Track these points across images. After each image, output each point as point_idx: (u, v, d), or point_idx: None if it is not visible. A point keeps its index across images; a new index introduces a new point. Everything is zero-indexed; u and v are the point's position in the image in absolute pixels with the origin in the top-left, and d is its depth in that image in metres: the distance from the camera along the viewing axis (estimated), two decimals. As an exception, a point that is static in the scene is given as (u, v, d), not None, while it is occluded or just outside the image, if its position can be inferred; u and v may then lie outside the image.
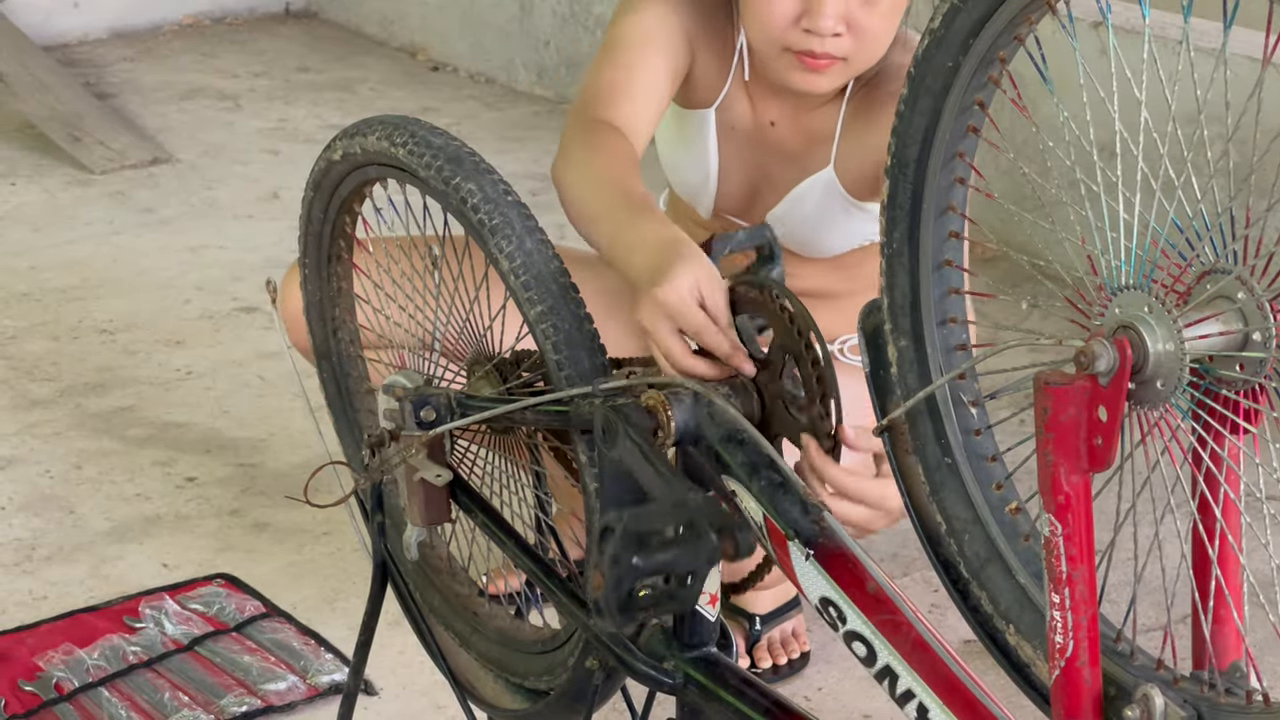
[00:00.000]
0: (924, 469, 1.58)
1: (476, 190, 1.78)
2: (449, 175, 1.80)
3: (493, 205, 1.78)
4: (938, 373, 1.57)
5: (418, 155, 1.83)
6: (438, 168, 1.81)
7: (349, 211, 2.03)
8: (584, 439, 1.74)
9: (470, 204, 1.78)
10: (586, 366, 1.74)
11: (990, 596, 1.54)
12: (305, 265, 2.12)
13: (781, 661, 2.66)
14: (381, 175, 1.92)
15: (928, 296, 1.56)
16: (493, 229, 1.77)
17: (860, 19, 2.27)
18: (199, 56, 5.64)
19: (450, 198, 1.80)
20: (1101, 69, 1.43)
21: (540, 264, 1.76)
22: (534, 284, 1.74)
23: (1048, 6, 1.40)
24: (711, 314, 1.77)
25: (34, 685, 2.57)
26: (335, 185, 1.99)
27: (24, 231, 4.28)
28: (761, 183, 2.52)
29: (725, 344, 1.75)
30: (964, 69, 1.47)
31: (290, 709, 2.56)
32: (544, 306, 1.74)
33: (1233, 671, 1.41)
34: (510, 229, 1.76)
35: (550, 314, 1.74)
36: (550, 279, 1.75)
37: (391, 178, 1.91)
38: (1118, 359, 1.32)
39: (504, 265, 1.76)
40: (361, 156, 1.91)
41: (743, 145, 2.50)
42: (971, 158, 1.52)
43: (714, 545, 1.47)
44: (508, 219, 1.77)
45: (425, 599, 2.05)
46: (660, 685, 1.70)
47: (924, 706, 1.46)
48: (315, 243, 2.08)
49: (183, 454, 3.26)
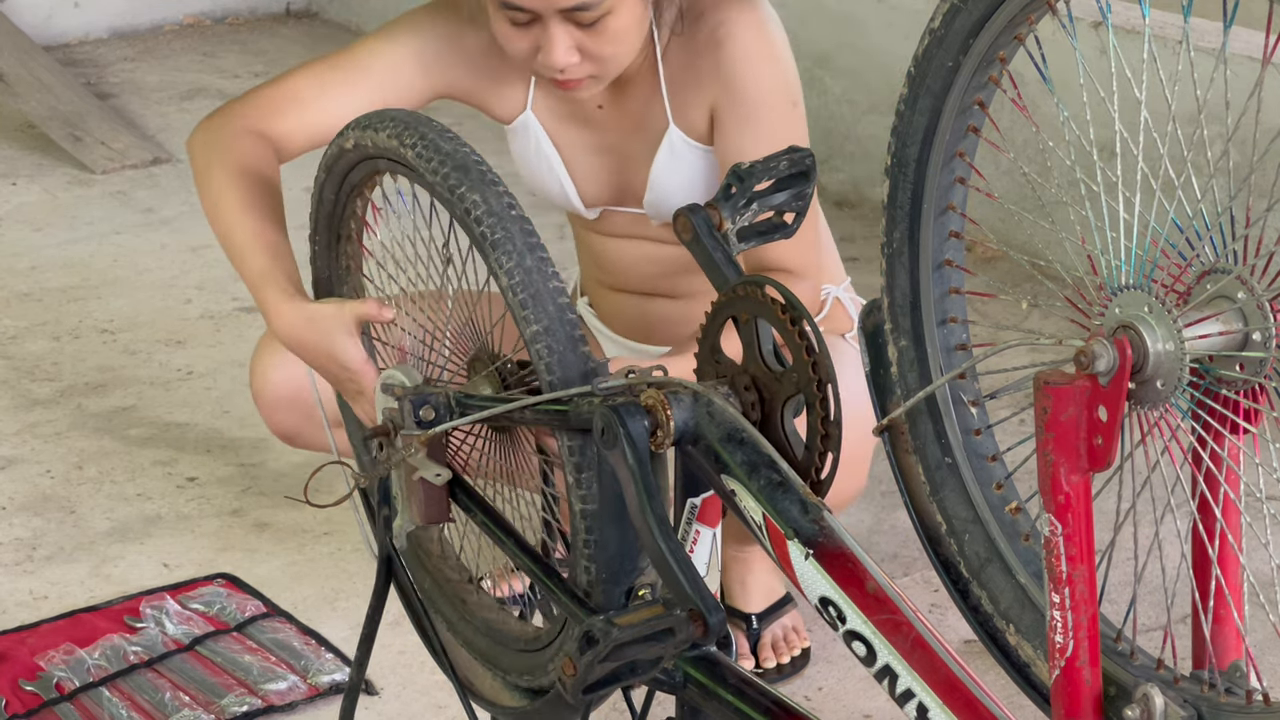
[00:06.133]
0: (924, 469, 1.58)
1: (481, 202, 1.79)
2: (455, 184, 1.81)
3: (496, 219, 1.78)
4: (938, 372, 1.57)
5: (425, 159, 1.84)
6: (444, 175, 1.82)
7: (360, 196, 2.05)
8: (568, 435, 1.75)
9: (474, 215, 1.79)
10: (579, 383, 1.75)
11: (990, 596, 1.54)
12: (315, 243, 2.13)
13: (785, 660, 2.66)
14: (391, 169, 1.94)
15: (928, 296, 1.56)
16: (494, 243, 1.78)
17: (590, 45, 2.30)
18: (200, 56, 5.64)
19: (455, 206, 1.81)
20: (1101, 69, 1.44)
21: (539, 282, 1.77)
22: (531, 302, 1.76)
23: (1048, 6, 1.40)
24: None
25: (35, 685, 2.57)
26: (346, 171, 2.02)
27: (25, 231, 4.28)
28: (617, 162, 2.52)
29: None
30: (964, 69, 1.47)
31: (291, 709, 2.56)
32: (539, 326, 1.75)
33: (1233, 671, 1.41)
34: (511, 244, 1.77)
35: (545, 334, 1.75)
36: (548, 298, 1.76)
37: (400, 174, 1.92)
38: (1118, 359, 1.32)
39: (503, 281, 1.77)
40: (372, 149, 1.93)
41: (579, 133, 2.51)
42: (971, 157, 1.52)
43: (685, 636, 1.56)
44: (510, 234, 1.78)
45: (416, 580, 2.05)
46: (660, 685, 1.70)
47: (924, 706, 1.46)
48: (326, 223, 2.10)
49: (183, 454, 3.26)
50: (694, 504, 1.74)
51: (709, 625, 1.57)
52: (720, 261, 1.73)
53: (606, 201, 2.55)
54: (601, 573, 1.76)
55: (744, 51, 2.40)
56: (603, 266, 2.63)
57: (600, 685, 1.58)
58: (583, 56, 2.30)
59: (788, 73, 2.44)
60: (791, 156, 1.77)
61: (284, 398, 2.58)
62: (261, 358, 2.61)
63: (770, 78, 2.42)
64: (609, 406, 1.64)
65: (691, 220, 1.74)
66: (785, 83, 2.43)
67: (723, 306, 1.70)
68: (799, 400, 1.64)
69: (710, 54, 2.41)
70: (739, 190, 1.76)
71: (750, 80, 2.40)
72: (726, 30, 2.40)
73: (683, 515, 1.74)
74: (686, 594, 1.59)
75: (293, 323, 2.13)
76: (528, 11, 2.26)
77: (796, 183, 1.78)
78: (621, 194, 2.54)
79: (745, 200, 1.76)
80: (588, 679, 1.54)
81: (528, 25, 2.28)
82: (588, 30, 2.28)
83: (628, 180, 2.52)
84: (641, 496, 1.62)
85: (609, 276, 2.64)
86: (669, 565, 1.60)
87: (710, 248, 1.73)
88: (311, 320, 2.11)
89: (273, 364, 2.58)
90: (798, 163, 1.78)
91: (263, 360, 2.61)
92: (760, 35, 2.41)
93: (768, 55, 2.42)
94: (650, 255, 2.57)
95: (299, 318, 2.13)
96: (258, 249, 2.22)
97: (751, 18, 2.41)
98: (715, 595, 1.70)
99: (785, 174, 1.78)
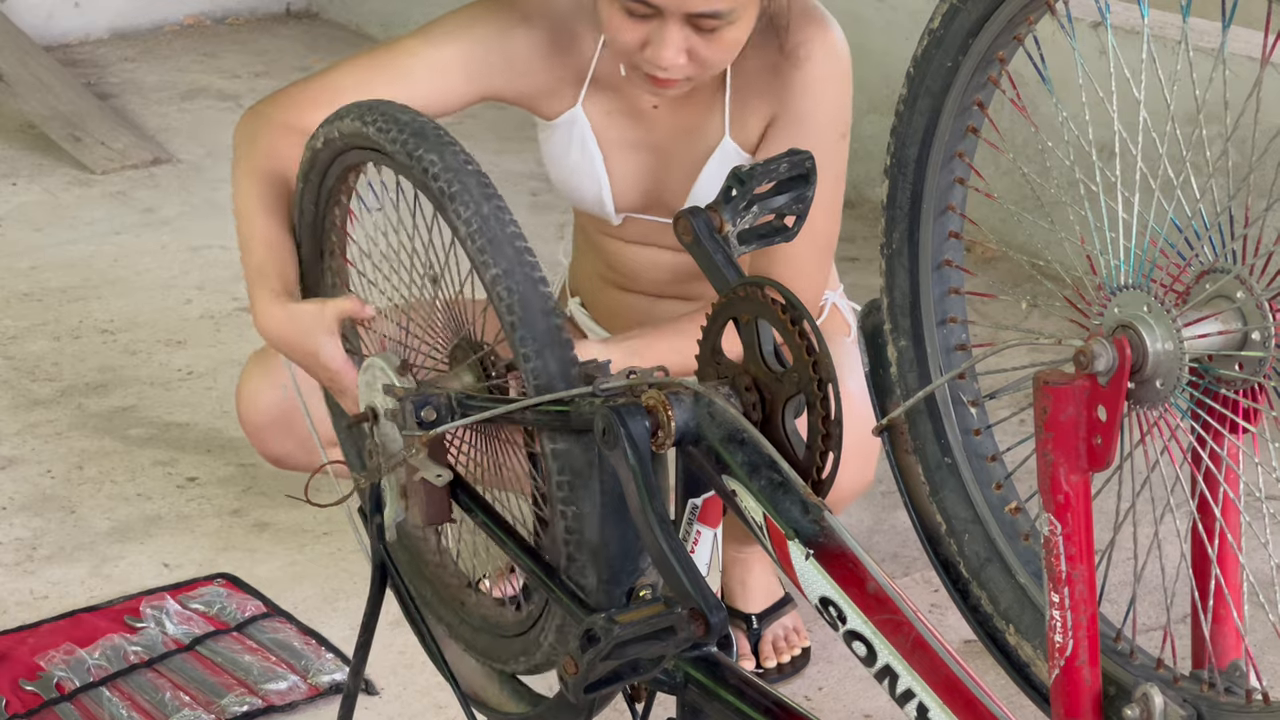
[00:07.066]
0: (924, 469, 1.58)
1: (438, 160, 1.83)
2: (413, 148, 1.85)
3: (452, 174, 1.82)
4: (937, 372, 1.57)
5: (384, 131, 1.88)
6: (403, 141, 1.86)
7: (337, 204, 2.07)
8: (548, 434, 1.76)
9: (431, 173, 1.83)
10: (541, 328, 1.76)
11: (990, 596, 1.54)
12: (301, 259, 2.14)
13: (785, 659, 2.67)
14: (361, 160, 1.97)
15: (927, 296, 1.56)
16: (451, 195, 1.81)
17: (701, 51, 2.30)
18: (200, 56, 5.64)
19: (414, 170, 1.85)
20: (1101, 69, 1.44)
21: (496, 228, 1.79)
22: (489, 247, 1.78)
23: (1047, 6, 1.40)
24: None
25: (35, 685, 2.58)
26: (321, 174, 2.05)
27: (25, 231, 4.29)
28: (660, 168, 2.51)
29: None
30: (963, 69, 1.47)
31: (291, 709, 2.56)
32: (499, 269, 1.77)
33: (1232, 671, 1.42)
34: (468, 195, 1.81)
35: (505, 276, 1.77)
36: (506, 242, 1.78)
37: (369, 161, 1.96)
38: (1117, 358, 1.32)
39: (462, 231, 1.81)
40: (340, 141, 1.97)
41: (626, 132, 2.50)
42: (971, 158, 1.52)
43: (686, 635, 1.56)
44: (466, 186, 1.81)
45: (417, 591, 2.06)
46: (661, 685, 1.70)
47: (924, 706, 1.46)
48: (309, 235, 2.12)
49: (184, 454, 3.26)
50: (695, 504, 1.74)
51: (710, 624, 1.58)
52: (721, 264, 1.73)
53: (638, 207, 2.53)
54: (602, 573, 1.76)
55: (819, 75, 2.42)
56: (614, 267, 2.63)
57: (602, 684, 1.58)
58: (689, 59, 2.30)
59: (847, 105, 2.46)
60: (791, 159, 1.78)
61: (271, 423, 2.60)
62: (247, 383, 2.62)
63: (833, 107, 2.43)
64: (610, 407, 1.64)
65: (692, 223, 1.74)
66: (842, 115, 2.45)
67: (724, 308, 1.70)
68: (800, 400, 1.64)
69: (787, 70, 2.41)
70: (739, 193, 1.76)
71: (815, 105, 2.42)
72: (808, 51, 2.41)
73: (684, 516, 1.75)
74: (688, 593, 1.59)
75: (276, 322, 2.14)
76: (653, 7, 2.25)
77: (797, 185, 1.78)
78: (654, 198, 2.52)
79: (746, 203, 1.76)
80: (589, 677, 1.54)
81: (644, 19, 2.27)
82: (704, 35, 2.28)
83: (664, 184, 2.51)
84: (643, 496, 1.62)
85: (620, 278, 2.63)
86: (670, 564, 1.60)
87: (711, 250, 1.73)
88: (292, 319, 2.12)
89: (259, 389, 2.60)
90: (798, 165, 1.78)
91: (248, 386, 2.62)
92: (837, 64, 2.43)
93: (838, 85, 2.44)
94: (666, 261, 2.57)
95: (282, 316, 2.14)
96: (259, 245, 2.22)
97: (832, 42, 2.43)
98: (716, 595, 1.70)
99: (785, 177, 1.78)
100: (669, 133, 2.48)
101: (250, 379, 2.62)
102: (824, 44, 2.42)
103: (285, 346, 2.14)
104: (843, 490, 2.48)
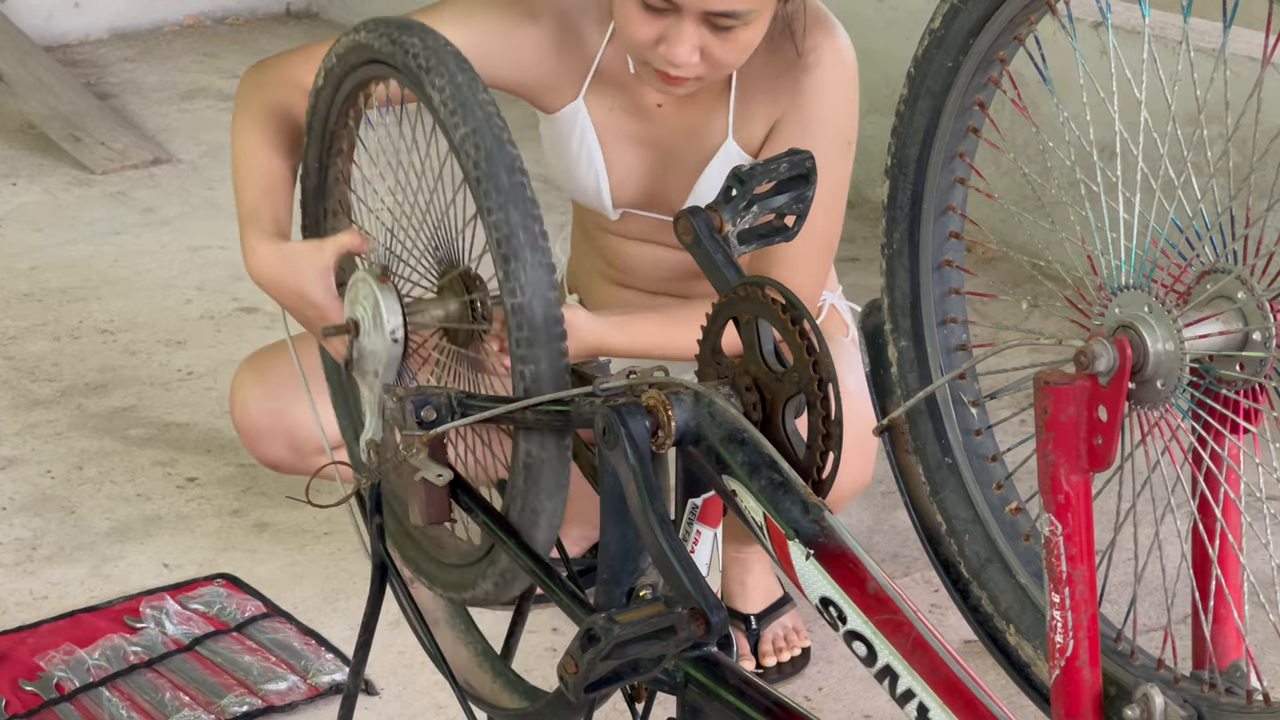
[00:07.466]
0: (924, 469, 1.58)
1: (419, 43, 1.89)
2: (397, 35, 1.91)
3: (431, 52, 1.88)
4: (938, 373, 1.57)
5: (377, 33, 1.94)
6: (391, 36, 1.92)
7: (344, 126, 2.12)
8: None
9: (412, 53, 1.88)
10: (505, 184, 1.80)
11: (990, 596, 1.54)
12: (307, 154, 2.18)
13: (785, 659, 2.67)
14: (365, 79, 2.02)
15: (928, 296, 1.56)
16: (428, 69, 1.86)
17: (715, 50, 2.30)
18: (200, 56, 5.65)
19: (398, 57, 1.90)
20: (1101, 69, 1.44)
21: (468, 94, 1.84)
22: (460, 109, 1.83)
23: (1048, 6, 1.40)
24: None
25: (35, 685, 2.58)
26: (327, 106, 2.10)
27: (25, 231, 4.29)
28: (661, 166, 2.51)
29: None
30: (964, 69, 1.47)
31: (291, 709, 2.56)
32: (468, 129, 1.81)
33: (1233, 671, 1.42)
34: (444, 68, 1.86)
35: (474, 135, 1.81)
36: (476, 106, 1.83)
37: (375, 76, 2.00)
38: (1118, 359, 1.32)
39: (435, 99, 1.85)
40: (338, 68, 2.03)
41: (628, 129, 2.50)
42: (972, 158, 1.52)
43: (686, 634, 1.56)
44: (443, 61, 1.87)
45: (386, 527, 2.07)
46: (661, 685, 1.70)
47: (924, 706, 1.46)
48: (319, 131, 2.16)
49: (184, 454, 3.26)
50: (695, 504, 1.75)
51: (711, 624, 1.58)
52: (721, 263, 1.73)
53: (636, 203, 2.53)
54: (602, 572, 1.76)
55: (828, 81, 2.42)
56: (613, 264, 2.63)
57: (602, 684, 1.58)
58: (702, 58, 2.30)
59: (854, 113, 2.47)
60: (791, 159, 1.78)
61: (264, 430, 2.60)
62: (239, 391, 2.62)
63: (840, 114, 2.44)
64: (610, 407, 1.64)
65: (692, 223, 1.74)
66: (849, 122, 2.46)
67: (724, 307, 1.70)
68: (800, 400, 1.64)
69: (796, 75, 2.42)
70: (739, 193, 1.76)
71: (822, 111, 2.42)
72: (817, 57, 2.41)
73: (684, 516, 1.75)
74: (688, 592, 1.59)
75: (268, 263, 2.15)
76: (670, 3, 2.25)
77: (797, 185, 1.78)
78: (654, 196, 2.53)
79: (746, 203, 1.76)
80: (590, 677, 1.54)
81: (661, 14, 2.27)
82: (718, 34, 2.28)
83: (665, 182, 2.51)
84: (643, 496, 1.62)
85: (619, 274, 2.64)
86: (671, 564, 1.60)
87: (711, 250, 1.73)
88: (286, 260, 2.12)
89: (252, 397, 2.60)
90: (798, 165, 1.78)
91: (241, 393, 2.62)
92: (846, 71, 2.44)
93: (846, 92, 2.44)
94: (665, 259, 2.57)
95: (274, 258, 2.14)
96: (255, 185, 2.23)
97: (840, 48, 2.44)
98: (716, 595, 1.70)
99: (785, 176, 1.78)
100: (672, 131, 2.48)
101: (242, 386, 2.62)
102: (834, 50, 2.42)
103: (274, 287, 2.15)
104: (842, 489, 2.48)
